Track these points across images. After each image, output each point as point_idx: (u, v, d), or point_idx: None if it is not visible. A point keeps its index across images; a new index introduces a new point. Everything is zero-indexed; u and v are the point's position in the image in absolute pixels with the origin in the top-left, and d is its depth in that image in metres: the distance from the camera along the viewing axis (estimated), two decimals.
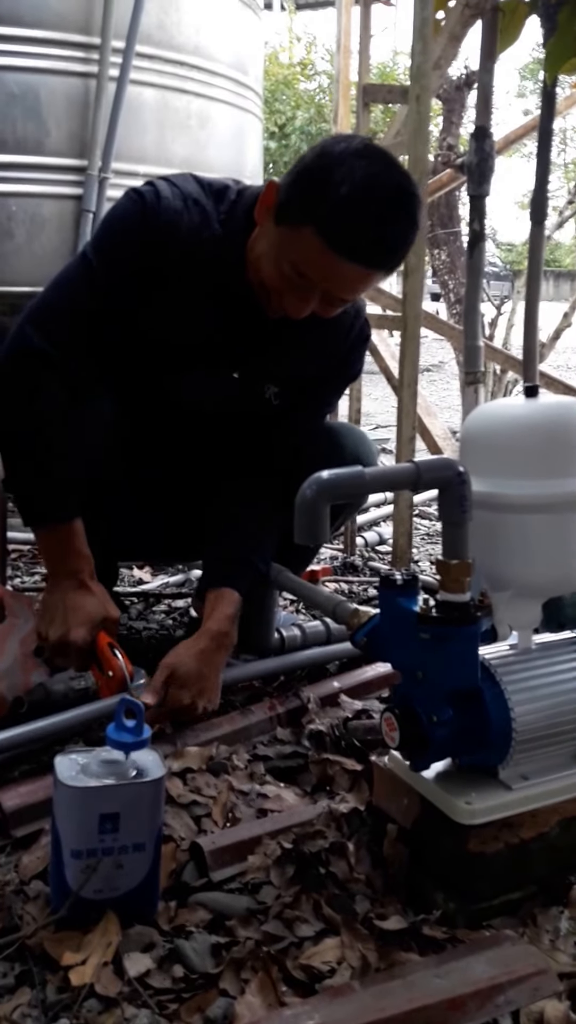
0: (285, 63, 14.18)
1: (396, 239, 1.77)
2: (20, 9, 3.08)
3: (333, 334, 2.09)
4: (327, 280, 1.79)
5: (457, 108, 6.60)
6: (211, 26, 3.65)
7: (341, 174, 1.70)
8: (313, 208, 1.73)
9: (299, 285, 1.81)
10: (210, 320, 1.98)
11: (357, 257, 1.74)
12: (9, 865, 1.47)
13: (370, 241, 1.73)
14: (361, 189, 1.69)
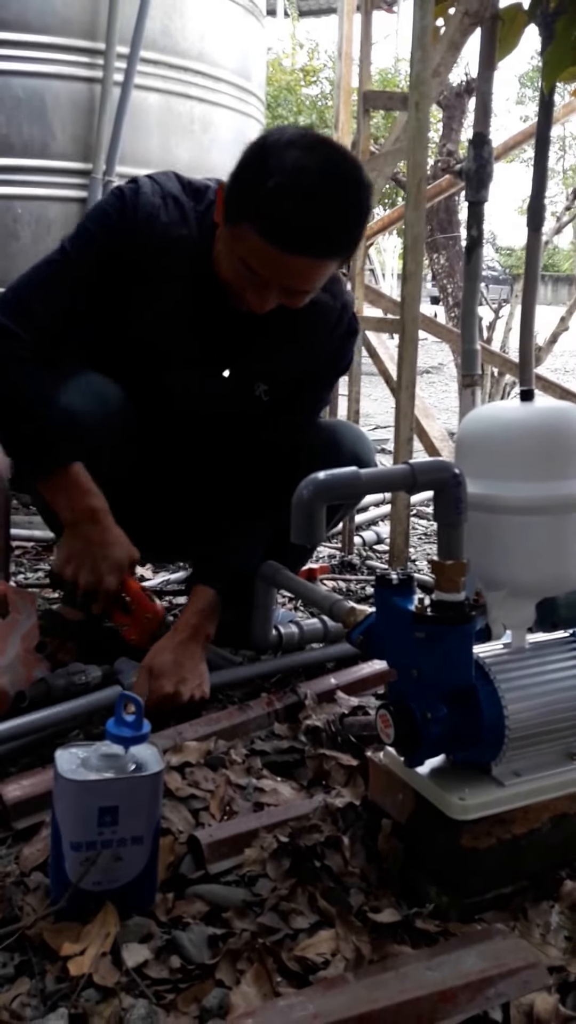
0: (288, 69, 14.17)
1: (334, 226, 1.74)
2: (27, 15, 3.09)
3: (320, 329, 2.08)
4: (276, 275, 1.78)
5: (457, 115, 6.59)
6: (215, 33, 3.66)
7: (272, 166, 1.69)
8: (249, 204, 1.73)
9: (254, 281, 1.81)
10: (190, 317, 1.99)
11: (298, 249, 1.73)
12: (10, 857, 1.47)
13: (307, 231, 1.71)
14: (292, 179, 1.67)
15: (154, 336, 1.99)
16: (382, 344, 3.57)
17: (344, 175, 1.72)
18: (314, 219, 1.69)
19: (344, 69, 3.59)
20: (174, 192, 1.95)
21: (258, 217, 1.71)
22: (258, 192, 1.70)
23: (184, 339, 2.01)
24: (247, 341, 2.04)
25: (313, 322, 2.04)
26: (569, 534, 1.43)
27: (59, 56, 3.18)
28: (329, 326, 2.09)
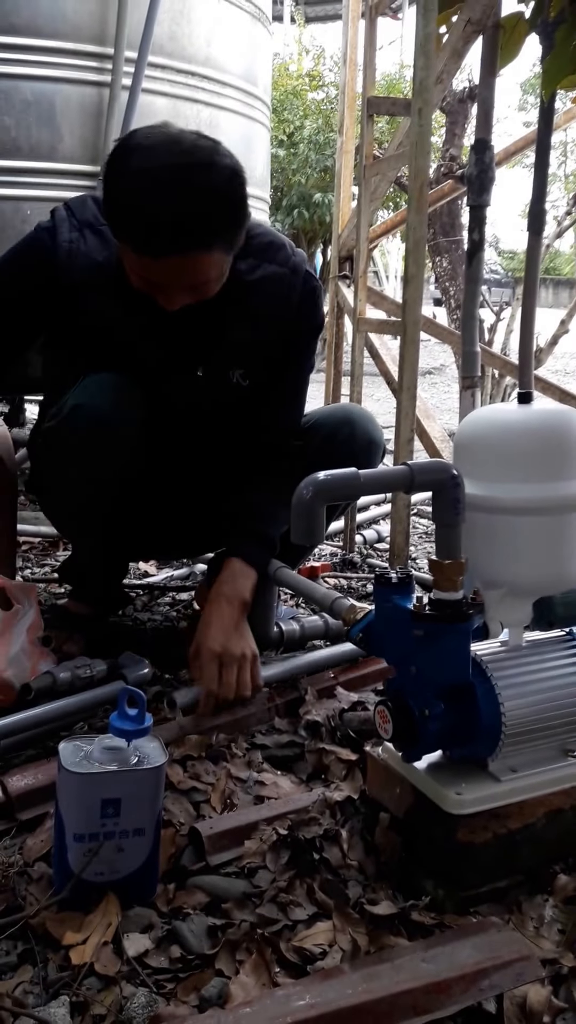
0: (294, 74, 14.17)
1: (189, 219, 1.68)
2: (38, 20, 3.09)
3: (277, 300, 2.05)
4: (162, 279, 1.77)
5: (460, 120, 6.58)
6: (222, 38, 3.66)
7: (120, 185, 1.70)
8: (113, 223, 1.75)
9: (152, 284, 1.79)
10: (141, 328, 1.97)
11: (165, 252, 1.70)
12: (14, 847, 1.47)
13: (164, 233, 1.68)
14: (136, 189, 1.67)
15: (115, 356, 1.97)
16: (384, 345, 3.56)
17: (188, 165, 1.67)
18: (166, 219, 1.66)
19: (349, 75, 3.59)
20: (89, 219, 1.94)
21: (123, 234, 1.73)
22: (115, 210, 1.72)
23: (145, 350, 2.00)
24: (209, 335, 2.02)
25: (268, 295, 2.02)
26: (565, 534, 1.43)
27: (68, 60, 3.17)
28: (284, 294, 2.06)
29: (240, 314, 2.00)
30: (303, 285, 2.09)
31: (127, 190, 1.69)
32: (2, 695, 1.87)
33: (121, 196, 1.70)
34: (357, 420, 2.22)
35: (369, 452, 2.21)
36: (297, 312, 2.09)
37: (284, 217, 13.27)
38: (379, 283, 17.17)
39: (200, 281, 1.80)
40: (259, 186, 4.16)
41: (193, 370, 2.05)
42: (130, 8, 3.18)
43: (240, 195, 1.77)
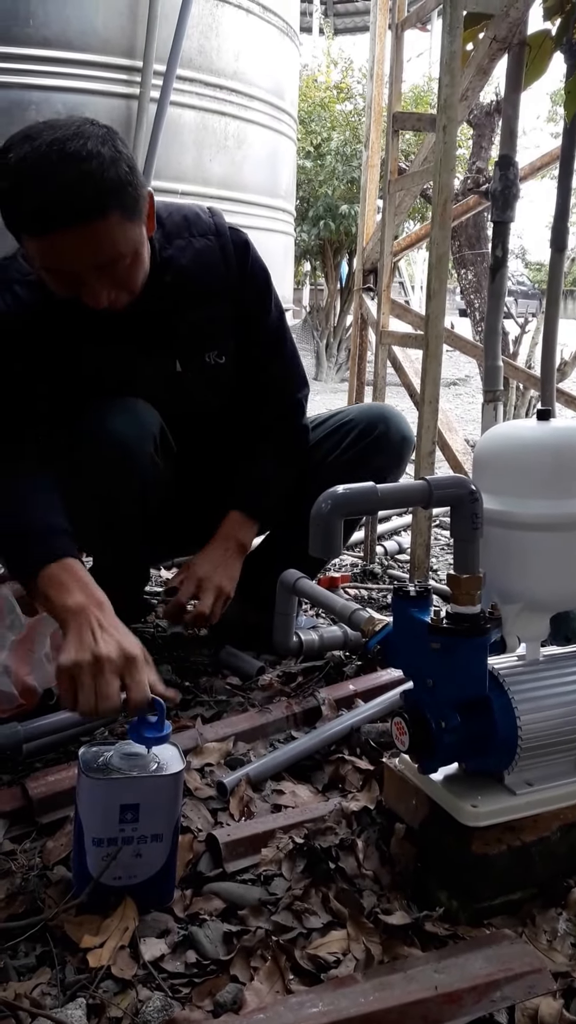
0: (322, 85, 14.19)
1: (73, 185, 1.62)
2: (68, 34, 3.11)
3: (213, 268, 2.05)
4: (70, 260, 1.70)
5: (487, 133, 6.58)
6: (250, 52, 3.68)
7: (4, 177, 1.65)
8: (8, 221, 1.69)
9: (69, 280, 1.74)
10: (108, 344, 1.96)
11: (54, 225, 1.64)
12: (34, 851, 1.49)
13: (47, 205, 1.62)
14: (16, 172, 1.63)
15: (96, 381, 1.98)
16: (407, 358, 3.57)
17: (60, 139, 1.63)
18: (50, 189, 1.61)
19: (375, 90, 3.61)
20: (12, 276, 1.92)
21: (15, 222, 1.67)
22: (4, 205, 1.67)
23: (120, 365, 2.00)
24: (170, 328, 2.02)
25: (204, 268, 2.01)
26: None
27: (98, 73, 3.20)
28: (219, 259, 2.06)
29: (188, 296, 2.00)
30: (233, 244, 2.08)
31: (12, 180, 1.64)
32: (25, 700, 1.89)
33: (7, 190, 1.65)
34: (391, 418, 2.28)
35: (402, 448, 2.28)
36: (238, 270, 2.09)
37: (310, 228, 13.28)
38: (404, 293, 17.18)
39: (109, 257, 1.73)
40: (285, 198, 4.18)
41: (172, 367, 2.07)
42: (160, 22, 3.20)
43: (121, 153, 1.70)
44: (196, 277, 1.99)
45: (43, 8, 3.09)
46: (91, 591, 1.62)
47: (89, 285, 1.74)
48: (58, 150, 1.62)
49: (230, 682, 2.15)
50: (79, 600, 1.58)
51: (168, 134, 3.31)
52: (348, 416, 2.32)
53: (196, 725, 1.88)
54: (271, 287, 2.19)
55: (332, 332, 14.57)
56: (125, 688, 1.44)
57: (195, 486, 2.27)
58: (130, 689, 1.44)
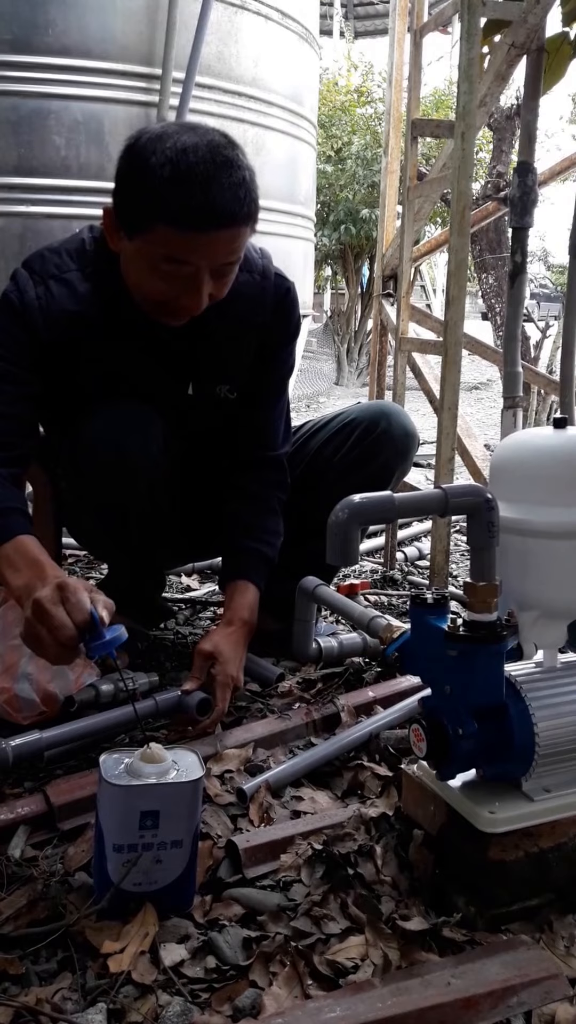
0: (343, 89, 14.21)
1: (235, 189, 1.71)
2: (88, 42, 3.14)
3: (251, 306, 2.08)
4: (204, 257, 1.76)
5: (508, 137, 6.60)
6: (269, 58, 3.70)
7: (154, 162, 1.68)
8: (150, 206, 1.71)
9: (184, 276, 1.78)
10: (129, 360, 2.00)
11: (215, 225, 1.71)
12: (55, 857, 1.51)
13: (217, 204, 1.69)
14: (180, 162, 1.67)
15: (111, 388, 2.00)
16: (427, 363, 3.59)
17: (218, 143, 1.72)
18: (218, 190, 1.69)
19: (394, 96, 3.63)
20: (51, 271, 1.94)
21: (166, 213, 1.70)
22: (154, 190, 1.69)
23: (137, 377, 2.03)
24: (194, 352, 2.05)
25: (242, 304, 2.03)
26: None
27: (117, 81, 3.22)
28: (258, 299, 2.09)
29: (219, 327, 2.02)
30: (275, 289, 2.12)
31: (170, 169, 1.68)
32: (46, 707, 1.91)
33: (162, 178, 1.68)
34: (393, 413, 2.29)
35: (406, 442, 2.29)
36: (272, 316, 2.12)
37: (331, 232, 13.31)
38: (426, 296, 17.17)
39: (232, 261, 1.81)
40: (304, 204, 4.20)
41: (184, 389, 2.10)
42: (178, 29, 3.23)
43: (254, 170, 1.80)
44: (232, 311, 2.00)
45: (62, 16, 3.12)
46: (40, 568, 1.68)
47: (199, 285, 1.79)
48: (218, 153, 1.70)
49: (250, 688, 2.17)
50: (27, 579, 1.65)
51: None
52: (350, 416, 2.34)
53: (216, 731, 1.89)
54: (294, 344, 2.23)
55: (353, 337, 14.58)
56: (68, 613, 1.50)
57: (205, 490, 2.30)
58: (71, 612, 1.49)
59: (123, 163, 1.77)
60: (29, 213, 3.13)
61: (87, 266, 1.95)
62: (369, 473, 2.23)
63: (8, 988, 1.22)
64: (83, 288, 1.94)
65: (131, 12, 3.20)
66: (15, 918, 1.34)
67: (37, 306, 1.91)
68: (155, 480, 2.05)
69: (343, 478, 2.18)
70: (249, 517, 2.22)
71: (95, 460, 1.97)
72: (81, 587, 1.54)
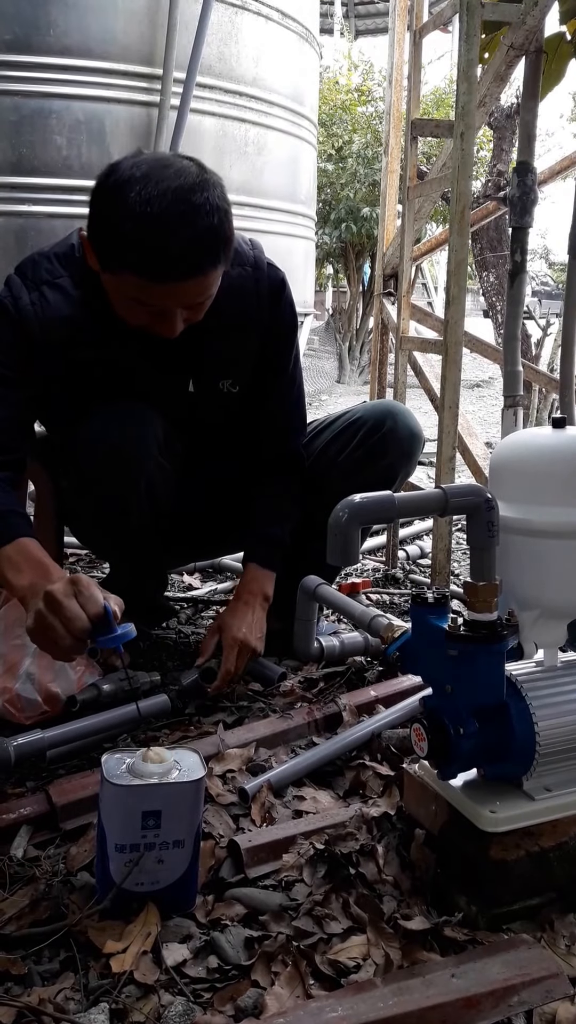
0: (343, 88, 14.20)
1: (202, 238, 1.71)
2: (89, 42, 3.14)
3: (246, 301, 2.08)
4: (170, 302, 1.78)
5: (508, 135, 6.58)
6: (269, 58, 3.70)
7: (121, 212, 1.68)
8: (117, 253, 1.73)
9: (154, 312, 1.80)
10: (130, 357, 2.00)
11: (180, 276, 1.72)
12: (58, 856, 1.51)
13: (183, 257, 1.70)
14: (144, 215, 1.66)
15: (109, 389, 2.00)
16: (428, 362, 3.58)
17: (187, 187, 1.70)
18: (182, 243, 1.68)
19: (394, 96, 3.63)
20: (43, 276, 1.94)
21: (132, 263, 1.71)
22: (120, 239, 1.70)
23: (136, 378, 2.03)
24: (193, 349, 2.04)
25: (237, 298, 2.03)
26: None
27: (118, 81, 3.22)
28: (252, 292, 2.09)
29: (217, 323, 2.00)
30: (268, 280, 2.12)
31: (134, 222, 1.68)
32: (49, 707, 1.91)
33: (126, 227, 1.69)
34: (398, 413, 2.29)
35: (411, 443, 2.29)
36: (269, 305, 2.12)
37: (332, 230, 13.31)
38: (427, 294, 17.16)
39: (203, 299, 1.83)
40: (305, 203, 4.20)
41: (184, 386, 2.10)
42: (179, 29, 3.23)
43: (228, 204, 1.79)
44: (226, 306, 2.00)
45: (64, 17, 3.12)
46: (44, 569, 1.71)
47: (172, 319, 1.81)
48: (183, 200, 1.69)
49: (252, 688, 2.17)
50: (31, 579, 1.68)
51: (188, 141, 3.33)
52: (356, 415, 2.34)
53: (218, 731, 1.89)
54: (296, 330, 2.23)
55: (355, 335, 14.59)
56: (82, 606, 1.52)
57: (206, 489, 2.30)
58: (84, 604, 1.51)
59: (94, 200, 1.77)
60: (31, 212, 3.13)
61: (77, 272, 1.94)
62: (374, 473, 2.23)
63: (11, 988, 1.22)
64: (75, 294, 1.94)
65: (132, 12, 3.20)
66: (17, 918, 1.34)
67: (32, 312, 1.91)
68: (154, 479, 2.05)
69: (348, 478, 2.18)
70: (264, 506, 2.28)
71: (94, 460, 1.97)
72: (93, 583, 1.56)
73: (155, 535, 2.18)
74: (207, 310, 1.91)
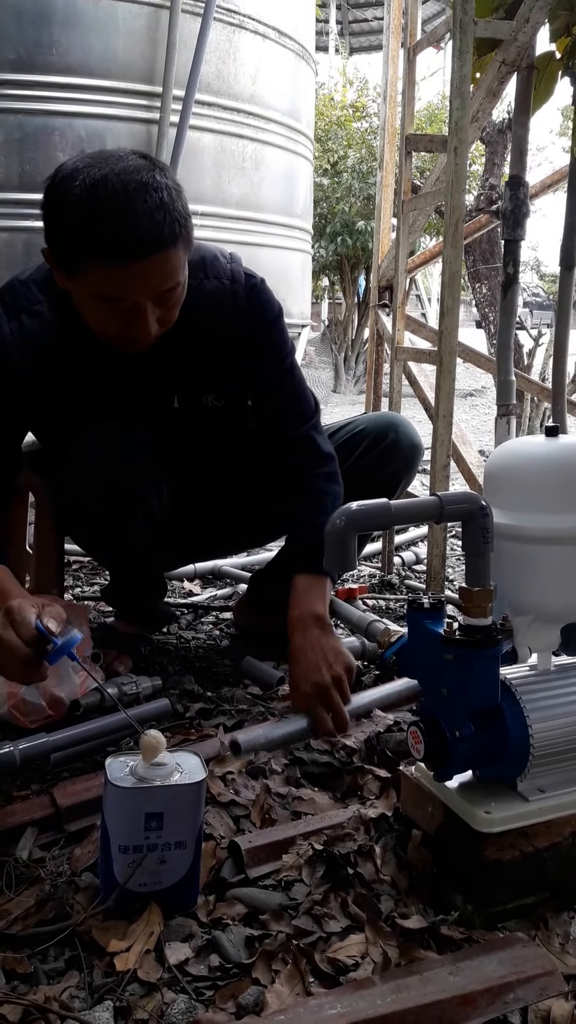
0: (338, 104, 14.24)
1: (156, 210, 1.65)
2: (90, 62, 3.16)
3: (222, 311, 2.01)
4: (140, 290, 1.71)
5: (500, 150, 6.61)
6: (266, 76, 3.72)
7: (69, 200, 1.65)
8: (74, 248, 1.68)
9: (125, 311, 1.74)
10: (111, 380, 1.97)
11: (140, 252, 1.65)
12: (62, 858, 1.51)
13: (137, 229, 1.63)
14: (91, 201, 1.63)
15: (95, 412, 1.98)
16: (422, 372, 3.59)
17: (132, 167, 1.66)
18: (133, 219, 1.63)
19: (389, 112, 3.64)
20: (20, 303, 1.92)
21: (87, 251, 1.66)
22: (74, 232, 1.66)
23: (120, 400, 2.01)
24: (174, 365, 2.01)
25: (214, 311, 1.99)
26: None
27: (119, 99, 3.23)
28: (230, 305, 2.02)
29: (195, 337, 1.97)
30: (246, 291, 2.04)
31: (84, 206, 1.64)
32: (53, 711, 1.91)
33: (78, 216, 1.65)
34: (400, 425, 2.31)
35: (413, 454, 2.31)
36: (246, 317, 2.05)
37: (328, 244, 13.33)
38: (421, 306, 17.20)
39: (171, 286, 1.75)
40: (302, 217, 4.21)
41: (169, 403, 2.08)
42: (178, 48, 3.25)
43: (178, 184, 1.74)
44: (203, 321, 1.97)
45: (66, 37, 3.13)
46: (4, 597, 1.67)
47: (144, 317, 1.74)
48: (129, 180, 1.64)
49: (251, 692, 2.17)
50: None
51: (188, 157, 3.35)
52: (359, 426, 2.34)
53: (218, 734, 1.89)
54: (280, 327, 2.13)
55: (350, 345, 14.61)
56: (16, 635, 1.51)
57: (200, 495, 2.30)
58: (18, 632, 1.51)
59: (44, 205, 1.72)
60: (34, 228, 3.13)
61: (55, 297, 1.89)
62: (377, 483, 2.23)
63: (17, 986, 1.22)
64: (54, 319, 1.90)
65: (132, 32, 3.22)
66: (23, 918, 1.34)
67: (11, 341, 1.89)
68: (150, 501, 2.05)
69: (351, 488, 2.16)
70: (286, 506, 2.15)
71: (88, 486, 1.97)
72: (27, 606, 1.54)
73: (153, 551, 2.18)
74: (185, 327, 1.87)
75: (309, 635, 1.95)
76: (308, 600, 1.99)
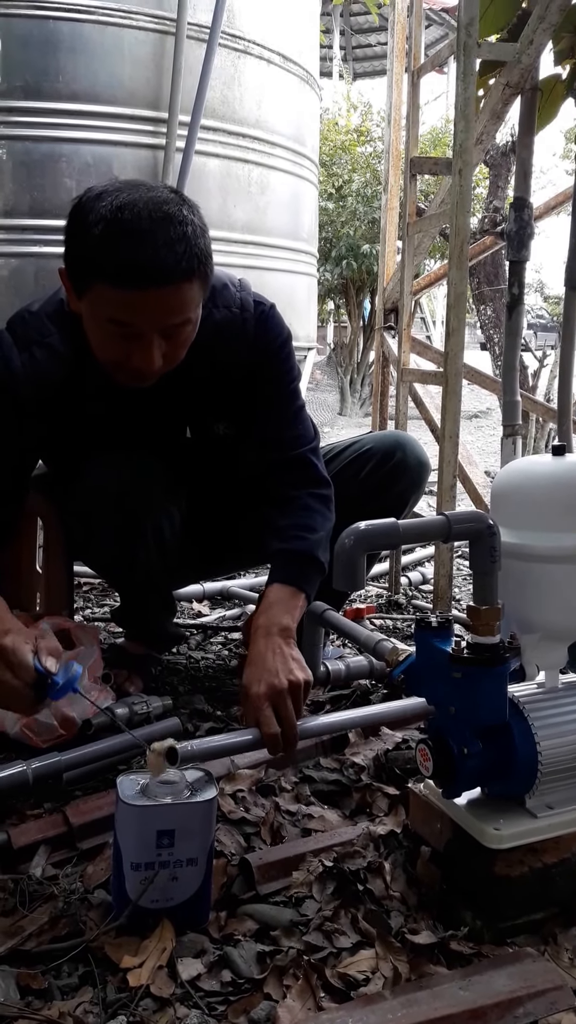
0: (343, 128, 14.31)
1: (177, 242, 1.64)
2: (96, 88, 3.19)
3: (234, 341, 2.00)
4: (148, 319, 1.69)
5: (504, 172, 6.63)
6: (271, 101, 3.75)
7: (91, 220, 1.64)
8: (89, 266, 1.67)
9: (131, 337, 1.72)
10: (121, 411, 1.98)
11: (153, 280, 1.64)
12: (75, 875, 1.52)
13: (155, 257, 1.62)
14: (116, 220, 1.62)
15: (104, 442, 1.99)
16: (428, 393, 3.61)
17: (162, 199, 1.66)
18: (153, 246, 1.62)
19: (393, 135, 3.67)
20: (31, 335, 1.91)
21: (101, 271, 1.65)
22: (92, 249, 1.65)
23: (130, 430, 2.01)
24: (184, 395, 1.99)
25: (225, 341, 1.97)
26: None
27: (125, 125, 3.26)
28: (240, 334, 2.00)
29: (205, 368, 1.96)
30: (256, 319, 2.02)
31: (106, 225, 1.63)
32: (64, 730, 1.92)
33: (98, 234, 1.64)
34: (407, 444, 2.32)
35: (420, 472, 2.31)
36: (255, 345, 2.03)
37: (333, 267, 13.37)
38: (425, 328, 17.22)
39: (181, 322, 1.73)
40: (307, 241, 4.24)
41: (181, 433, 2.09)
42: (184, 74, 3.28)
43: (205, 224, 1.73)
44: (212, 351, 1.95)
45: (72, 64, 3.17)
46: None
47: (148, 347, 1.72)
48: (156, 209, 1.64)
49: None
50: None
51: (193, 182, 3.37)
52: (366, 445, 2.35)
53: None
54: (287, 351, 2.11)
55: (356, 368, 14.63)
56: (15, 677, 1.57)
57: (211, 517, 2.32)
58: (17, 675, 1.56)
59: (68, 221, 1.72)
60: (43, 254, 3.16)
61: (65, 328, 1.89)
62: (384, 502, 2.23)
63: (32, 1002, 1.23)
64: (65, 351, 1.89)
65: (138, 59, 3.25)
66: (37, 934, 1.35)
67: (23, 374, 1.88)
68: (162, 529, 2.07)
69: (359, 506, 2.14)
70: (275, 519, 2.06)
71: (99, 517, 2.00)
72: (21, 644, 1.57)
73: (164, 577, 2.20)
74: (196, 358, 1.85)
75: (272, 642, 1.81)
76: (277, 610, 1.88)
